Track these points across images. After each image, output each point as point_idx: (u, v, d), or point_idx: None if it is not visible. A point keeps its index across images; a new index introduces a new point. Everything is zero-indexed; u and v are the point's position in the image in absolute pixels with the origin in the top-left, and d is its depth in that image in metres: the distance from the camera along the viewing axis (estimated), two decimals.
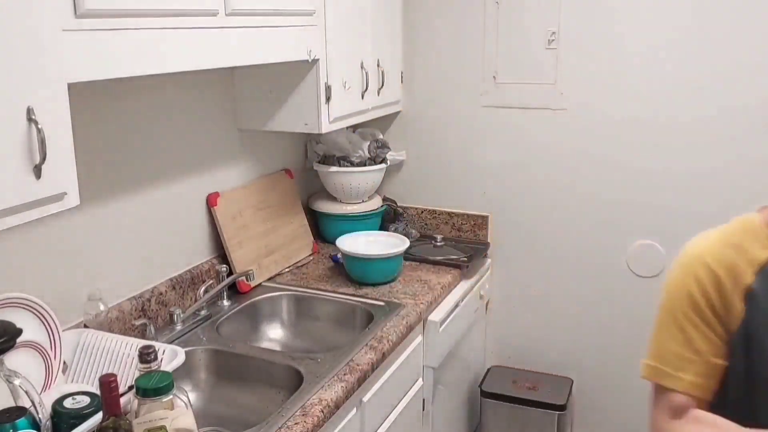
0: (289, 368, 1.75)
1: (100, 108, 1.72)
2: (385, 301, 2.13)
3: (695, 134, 2.36)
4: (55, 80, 1.17)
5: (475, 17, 2.56)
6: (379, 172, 2.66)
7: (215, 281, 2.08)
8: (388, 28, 2.54)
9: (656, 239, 2.50)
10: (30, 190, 1.15)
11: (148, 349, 1.26)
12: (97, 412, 1.24)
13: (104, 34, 1.27)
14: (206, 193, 2.15)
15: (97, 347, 1.54)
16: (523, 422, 2.57)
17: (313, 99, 2.10)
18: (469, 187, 2.72)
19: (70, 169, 1.23)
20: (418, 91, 2.72)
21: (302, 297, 2.22)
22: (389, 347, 1.89)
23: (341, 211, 2.62)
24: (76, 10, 1.20)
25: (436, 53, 2.65)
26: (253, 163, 2.38)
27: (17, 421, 1.18)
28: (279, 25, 1.82)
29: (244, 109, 2.24)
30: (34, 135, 1.13)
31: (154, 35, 1.39)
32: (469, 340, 2.61)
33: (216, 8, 1.56)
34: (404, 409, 2.06)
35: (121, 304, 1.81)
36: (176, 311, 1.92)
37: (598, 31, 2.41)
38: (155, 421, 1.17)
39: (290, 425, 1.49)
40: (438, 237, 2.62)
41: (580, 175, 2.53)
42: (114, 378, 1.15)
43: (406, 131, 2.77)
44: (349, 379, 1.69)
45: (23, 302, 1.41)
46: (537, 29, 2.48)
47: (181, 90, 2.00)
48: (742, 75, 2.27)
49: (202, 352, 1.85)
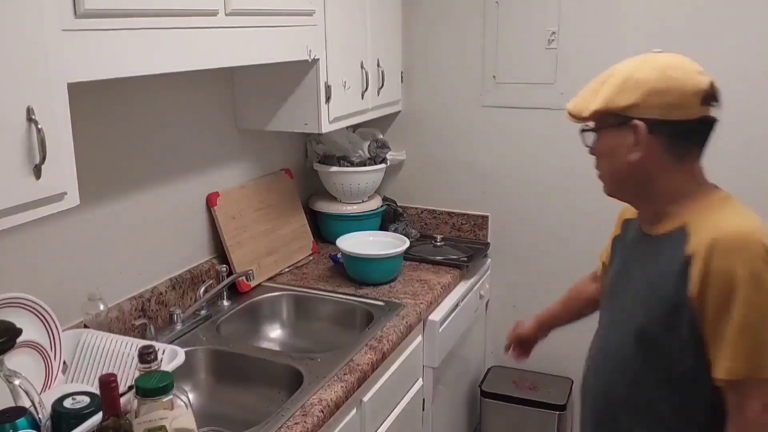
0: (289, 368, 1.75)
1: (100, 108, 1.72)
2: (385, 301, 2.13)
3: None
4: (55, 80, 1.17)
5: (475, 17, 2.56)
6: (379, 172, 2.66)
7: (215, 281, 2.08)
8: (388, 28, 2.54)
9: None
10: (30, 190, 1.15)
11: (148, 349, 1.26)
12: (97, 412, 1.24)
13: (104, 34, 1.27)
14: (206, 193, 2.15)
15: (97, 347, 1.54)
16: (523, 422, 2.58)
17: (313, 99, 2.10)
18: (469, 187, 2.72)
19: (70, 169, 1.23)
20: (418, 91, 2.72)
21: (302, 297, 2.22)
22: (389, 347, 1.89)
23: (341, 211, 2.62)
24: (76, 10, 1.20)
25: (436, 53, 2.65)
26: (253, 163, 2.37)
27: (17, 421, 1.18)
28: (279, 25, 1.82)
29: (244, 109, 2.24)
30: (34, 135, 1.13)
31: (154, 35, 1.39)
32: (469, 340, 2.61)
33: (216, 8, 1.56)
34: (404, 409, 2.06)
35: (121, 304, 1.81)
36: (176, 311, 1.92)
37: (598, 31, 2.41)
38: (155, 421, 1.17)
39: (290, 425, 1.49)
40: (438, 237, 2.62)
41: (580, 175, 2.53)
42: (114, 378, 1.15)
43: (406, 131, 2.77)
44: (349, 379, 1.69)
45: (23, 302, 1.41)
46: (537, 29, 2.48)
47: (181, 90, 2.00)
48: (741, 75, 2.27)
49: (202, 352, 1.85)
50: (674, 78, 1.23)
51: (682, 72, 1.25)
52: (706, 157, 1.34)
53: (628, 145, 1.25)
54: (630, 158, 1.26)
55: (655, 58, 1.29)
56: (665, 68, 1.25)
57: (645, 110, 1.23)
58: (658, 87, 1.22)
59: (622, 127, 1.25)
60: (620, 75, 1.27)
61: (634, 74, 1.25)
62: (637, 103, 1.23)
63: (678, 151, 1.27)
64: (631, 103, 1.23)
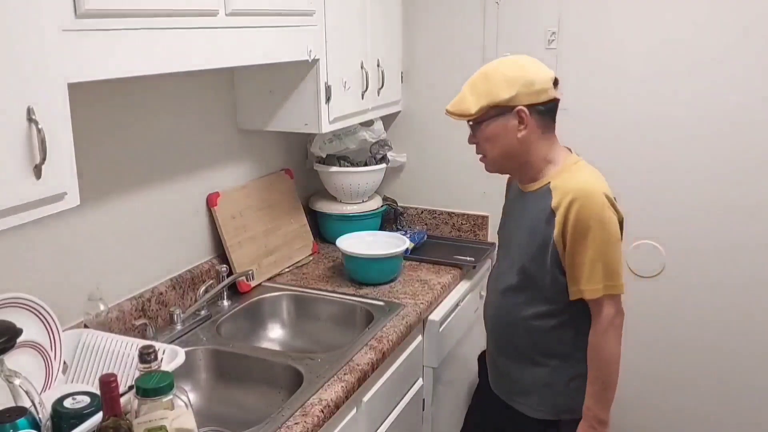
0: (289, 368, 1.75)
1: (101, 108, 1.72)
2: (385, 301, 2.13)
3: (695, 134, 2.36)
4: (55, 80, 1.17)
5: (475, 17, 2.56)
6: (379, 172, 2.66)
7: (215, 281, 2.08)
8: (388, 28, 2.54)
9: (656, 239, 2.50)
10: (30, 190, 1.15)
11: (148, 349, 1.26)
12: (97, 412, 1.24)
13: (104, 34, 1.27)
14: (206, 193, 2.15)
15: (97, 347, 1.54)
16: None
17: (313, 99, 2.10)
18: (469, 187, 2.71)
19: (70, 169, 1.23)
20: (418, 91, 2.71)
21: (302, 297, 2.22)
22: (389, 347, 1.89)
23: (341, 211, 2.62)
24: (76, 10, 1.20)
25: (436, 53, 2.65)
26: (253, 163, 2.38)
27: (17, 421, 1.18)
28: (279, 25, 1.82)
29: (244, 109, 2.24)
30: (34, 135, 1.13)
31: (154, 35, 1.39)
32: (469, 340, 2.61)
33: (216, 8, 1.56)
34: (404, 409, 2.06)
35: (121, 304, 1.81)
36: (176, 311, 1.92)
37: (598, 31, 2.41)
38: (155, 421, 1.17)
39: (290, 425, 1.49)
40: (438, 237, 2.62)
41: None
42: (114, 378, 1.15)
43: (406, 131, 2.77)
44: (349, 379, 1.69)
45: (23, 302, 1.41)
46: (537, 29, 2.48)
47: (181, 90, 2.00)
48: (742, 74, 2.27)
49: (202, 352, 1.85)
50: (535, 71, 1.63)
51: (536, 66, 1.65)
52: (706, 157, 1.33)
53: (514, 127, 1.61)
54: (518, 136, 1.62)
55: (513, 59, 1.68)
56: (525, 65, 1.64)
57: (522, 98, 1.59)
58: (527, 80, 1.60)
59: (505, 114, 1.61)
60: (493, 76, 1.62)
61: (505, 74, 1.61)
62: (516, 95, 1.59)
63: (545, 126, 1.65)
64: (512, 95, 1.59)
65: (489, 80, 1.62)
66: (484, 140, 1.66)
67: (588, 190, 1.58)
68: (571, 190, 1.58)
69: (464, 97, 1.65)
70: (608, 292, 1.60)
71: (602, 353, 1.64)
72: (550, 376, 1.72)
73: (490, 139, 1.65)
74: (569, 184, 1.60)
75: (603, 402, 1.65)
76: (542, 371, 1.73)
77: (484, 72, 1.65)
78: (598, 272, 1.57)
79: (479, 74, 1.66)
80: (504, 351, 1.80)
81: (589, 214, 1.55)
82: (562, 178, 1.63)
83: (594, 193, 1.58)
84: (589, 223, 1.55)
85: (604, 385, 1.65)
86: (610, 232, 1.58)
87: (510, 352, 1.78)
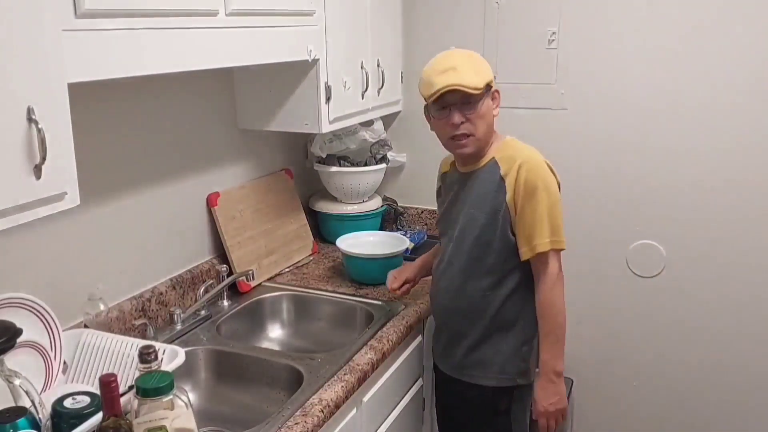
0: (289, 368, 1.75)
1: (100, 108, 1.72)
2: (385, 301, 2.13)
3: (696, 134, 2.36)
4: (55, 80, 1.17)
5: (475, 17, 2.56)
6: (379, 172, 2.66)
7: (215, 281, 2.08)
8: (388, 28, 2.54)
9: (656, 239, 2.50)
10: (30, 190, 1.15)
11: (148, 349, 1.26)
12: (97, 412, 1.24)
13: (104, 34, 1.27)
14: (206, 193, 2.15)
15: (97, 347, 1.54)
16: None
17: (313, 99, 2.10)
18: None
19: (70, 169, 1.23)
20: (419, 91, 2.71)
21: (302, 297, 2.22)
22: (389, 347, 1.89)
23: (341, 211, 2.62)
24: (76, 10, 1.20)
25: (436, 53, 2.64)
26: (253, 163, 2.38)
27: (17, 421, 1.18)
28: (279, 25, 1.82)
29: (244, 109, 2.24)
30: (34, 135, 1.13)
31: (155, 35, 1.39)
32: None
33: (216, 8, 1.56)
34: (404, 409, 2.06)
35: (121, 304, 1.81)
36: (176, 311, 1.92)
37: (598, 31, 2.41)
38: (155, 421, 1.17)
39: (290, 425, 1.49)
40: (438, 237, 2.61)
41: (580, 175, 2.53)
42: (114, 378, 1.15)
43: (406, 131, 2.77)
44: (349, 379, 1.69)
45: (23, 302, 1.41)
46: (537, 29, 2.48)
47: (181, 90, 2.01)
48: (742, 74, 2.27)
49: (202, 352, 1.85)
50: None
51: None
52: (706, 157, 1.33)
53: (491, 107, 1.78)
54: (494, 114, 1.80)
55: (467, 50, 1.83)
56: (479, 55, 1.81)
57: (492, 81, 1.76)
58: (488, 66, 1.78)
59: (488, 93, 1.76)
60: (477, 58, 1.79)
61: (479, 59, 1.79)
62: (493, 77, 1.77)
63: None
64: (492, 78, 1.77)
65: (477, 61, 1.78)
66: (479, 117, 1.75)
67: (532, 158, 1.77)
68: (517, 158, 1.76)
69: (467, 73, 1.72)
70: (554, 246, 1.74)
71: (553, 307, 1.77)
72: (503, 344, 1.84)
73: (484, 116, 1.75)
74: (515, 155, 1.77)
75: (558, 353, 1.79)
76: (496, 340, 1.84)
77: (467, 54, 1.79)
78: (545, 228, 1.73)
79: (463, 56, 1.79)
80: (458, 329, 1.89)
81: (536, 176, 1.73)
82: (505, 152, 1.79)
83: (538, 159, 1.77)
84: (537, 184, 1.72)
85: (557, 337, 1.78)
86: (554, 192, 1.75)
87: (465, 328, 1.87)
